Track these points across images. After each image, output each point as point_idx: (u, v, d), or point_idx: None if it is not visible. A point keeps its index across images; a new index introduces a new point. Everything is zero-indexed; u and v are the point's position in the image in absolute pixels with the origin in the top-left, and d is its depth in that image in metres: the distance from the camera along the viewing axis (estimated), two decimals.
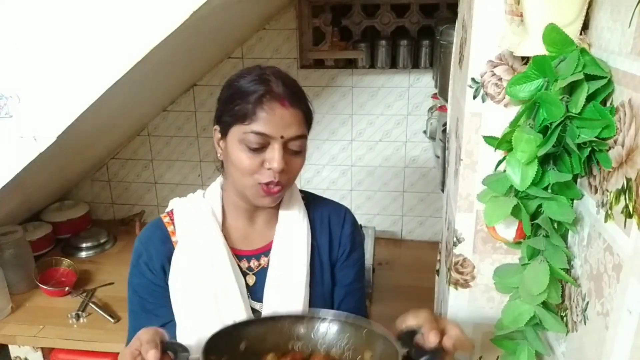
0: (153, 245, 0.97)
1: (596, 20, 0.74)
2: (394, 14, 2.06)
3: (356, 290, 1.06)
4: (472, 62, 0.91)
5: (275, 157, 0.86)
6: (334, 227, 1.05)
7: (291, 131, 0.88)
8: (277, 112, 0.87)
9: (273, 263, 0.97)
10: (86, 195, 2.37)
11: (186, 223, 0.97)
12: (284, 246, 0.98)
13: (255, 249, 0.99)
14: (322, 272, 1.02)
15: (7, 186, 1.46)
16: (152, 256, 0.96)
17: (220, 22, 1.57)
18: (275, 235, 0.99)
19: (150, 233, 0.99)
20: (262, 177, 0.88)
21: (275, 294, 0.95)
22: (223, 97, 0.93)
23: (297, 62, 2.05)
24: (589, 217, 0.76)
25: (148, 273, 0.96)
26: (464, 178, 0.98)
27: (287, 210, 1.01)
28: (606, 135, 0.69)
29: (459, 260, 1.04)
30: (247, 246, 0.99)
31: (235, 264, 0.96)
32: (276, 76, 0.90)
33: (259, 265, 0.99)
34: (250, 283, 0.98)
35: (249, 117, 0.87)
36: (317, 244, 1.01)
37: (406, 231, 2.25)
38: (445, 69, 1.29)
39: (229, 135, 0.90)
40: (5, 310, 1.66)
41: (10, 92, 1.32)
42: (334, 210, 1.07)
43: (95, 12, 1.22)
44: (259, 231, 1.01)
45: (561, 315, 0.86)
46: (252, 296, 0.97)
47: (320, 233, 1.03)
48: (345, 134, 2.13)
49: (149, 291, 0.97)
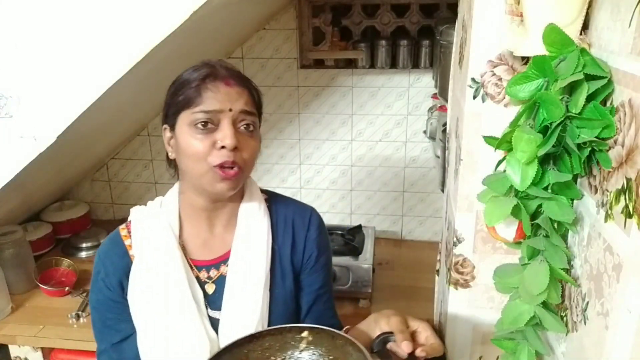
0: (110, 260, 0.97)
1: (596, 20, 0.74)
2: (394, 14, 2.06)
3: (325, 294, 1.05)
4: (472, 62, 0.91)
5: (227, 133, 0.86)
6: (298, 230, 1.02)
7: (239, 104, 0.87)
8: (221, 90, 0.87)
9: (231, 271, 0.95)
10: (86, 195, 2.37)
11: (142, 237, 0.95)
12: (243, 252, 0.96)
13: (215, 258, 0.98)
14: (284, 276, 0.99)
15: (7, 186, 1.46)
16: (109, 272, 0.96)
17: (220, 22, 1.57)
18: (234, 240, 0.97)
19: (107, 248, 0.99)
20: (216, 158, 0.86)
21: (233, 302, 0.94)
22: (168, 95, 0.93)
23: (297, 62, 2.05)
24: (589, 217, 0.76)
25: (105, 290, 0.96)
26: (464, 178, 0.98)
27: (246, 211, 0.98)
28: (606, 135, 0.69)
29: (459, 260, 1.04)
30: (206, 255, 0.97)
31: (192, 276, 0.94)
32: (220, 63, 0.91)
33: (219, 273, 0.97)
34: (210, 292, 0.96)
35: (194, 100, 0.87)
36: (278, 248, 0.99)
37: (406, 231, 2.25)
38: (445, 69, 1.29)
39: (177, 127, 0.90)
40: (5, 310, 1.66)
41: (10, 92, 1.32)
42: (298, 212, 1.04)
43: (95, 12, 1.22)
44: (218, 237, 0.98)
45: (561, 315, 0.86)
46: (212, 306, 0.95)
47: (283, 236, 1.00)
48: (345, 134, 2.13)
49: (107, 307, 0.97)
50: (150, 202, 1.01)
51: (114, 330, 0.97)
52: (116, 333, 0.96)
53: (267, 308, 0.96)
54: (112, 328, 0.97)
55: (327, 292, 1.06)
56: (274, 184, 2.24)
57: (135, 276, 0.94)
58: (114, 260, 0.96)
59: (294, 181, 2.23)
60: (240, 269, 0.95)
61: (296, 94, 2.11)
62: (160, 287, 0.92)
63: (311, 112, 2.12)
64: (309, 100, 2.11)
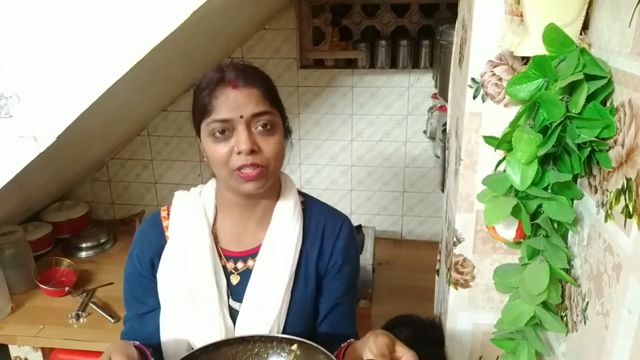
0: (147, 238, 1.02)
1: (596, 20, 0.74)
2: (394, 14, 2.06)
3: (344, 303, 1.05)
4: (472, 62, 0.91)
5: (241, 138, 0.87)
6: (327, 237, 1.02)
7: (249, 109, 0.88)
8: (230, 96, 0.88)
9: (258, 266, 0.98)
10: (86, 195, 2.37)
11: (179, 221, 1.00)
12: (272, 249, 0.98)
13: (244, 251, 1.00)
14: (307, 279, 1.00)
15: (7, 186, 1.46)
16: (144, 249, 1.01)
17: (220, 22, 1.57)
18: (265, 237, 0.99)
19: (146, 226, 1.05)
20: (235, 162, 0.89)
21: (255, 296, 0.96)
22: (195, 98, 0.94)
23: (297, 62, 2.05)
24: (589, 217, 0.76)
25: (138, 264, 1.02)
26: (464, 178, 0.98)
27: (281, 210, 1.00)
28: (606, 135, 0.69)
29: (459, 260, 1.04)
30: (237, 247, 1.00)
31: (220, 264, 0.98)
32: (231, 66, 0.92)
33: (245, 266, 0.99)
34: (234, 283, 0.99)
35: (207, 110, 0.89)
36: (306, 251, 1.00)
37: (406, 231, 2.25)
38: (445, 69, 1.29)
39: (201, 135, 0.93)
40: (5, 310, 1.66)
41: (10, 92, 1.32)
42: (331, 218, 1.05)
43: (95, 12, 1.22)
44: (250, 232, 1.01)
45: (561, 315, 0.86)
46: (234, 296, 0.98)
47: (312, 240, 1.01)
48: (345, 134, 2.13)
49: (137, 281, 1.02)
50: (193, 189, 1.05)
51: (140, 303, 1.03)
52: (142, 305, 1.03)
53: (286, 307, 0.97)
54: (139, 300, 1.03)
55: (347, 301, 1.06)
56: None
57: (167, 256, 0.99)
58: (151, 238, 1.02)
59: (294, 181, 2.23)
60: (267, 265, 0.98)
61: (296, 94, 2.11)
62: (187, 270, 0.96)
63: (311, 112, 2.12)
64: (309, 100, 2.11)
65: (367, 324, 1.54)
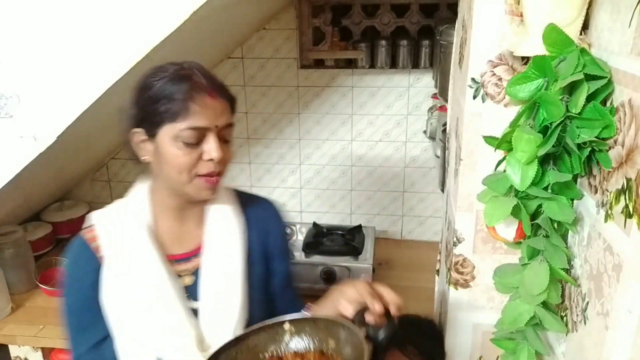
0: (80, 265, 0.97)
1: (596, 20, 0.74)
2: (394, 14, 2.06)
3: (290, 278, 1.13)
4: (472, 62, 0.91)
5: (214, 147, 0.89)
6: (266, 222, 1.08)
7: (223, 120, 0.91)
8: (208, 104, 0.89)
9: (205, 263, 0.98)
10: (86, 195, 2.37)
11: (112, 237, 0.96)
12: (216, 244, 0.99)
13: (188, 252, 1.00)
14: (258, 265, 1.04)
15: (7, 186, 1.46)
16: (81, 276, 0.96)
17: (220, 22, 1.57)
18: (205, 234, 1.00)
19: (75, 254, 0.99)
20: (202, 169, 0.90)
21: (211, 292, 0.97)
22: (142, 98, 0.91)
23: (297, 62, 2.05)
24: (589, 217, 0.76)
25: (78, 292, 0.96)
26: (464, 178, 0.98)
27: (216, 206, 1.02)
28: (606, 135, 0.69)
29: (459, 260, 1.04)
30: (180, 249, 1.00)
31: (170, 268, 0.96)
32: (197, 69, 0.91)
33: (195, 265, 0.99)
34: (189, 283, 0.98)
35: (181, 114, 0.87)
36: (249, 238, 1.03)
37: (406, 231, 2.25)
38: (445, 69, 1.29)
39: (158, 137, 0.89)
40: (5, 310, 1.66)
41: (10, 92, 1.32)
42: (262, 204, 1.10)
43: (95, 12, 1.22)
44: (189, 232, 1.01)
45: (561, 315, 0.86)
46: (191, 296, 0.98)
47: (254, 228, 1.05)
48: (345, 134, 2.13)
49: (84, 308, 0.96)
50: (110, 206, 1.01)
51: (93, 331, 0.97)
52: (95, 333, 0.97)
53: (246, 295, 0.99)
54: (90, 329, 0.97)
55: (291, 276, 1.14)
56: (274, 184, 2.24)
57: (109, 276, 0.94)
58: (83, 263, 0.97)
59: (294, 181, 2.23)
60: (216, 260, 0.99)
61: (296, 94, 2.11)
62: (138, 283, 0.93)
63: (311, 112, 2.12)
64: (309, 100, 2.11)
65: None
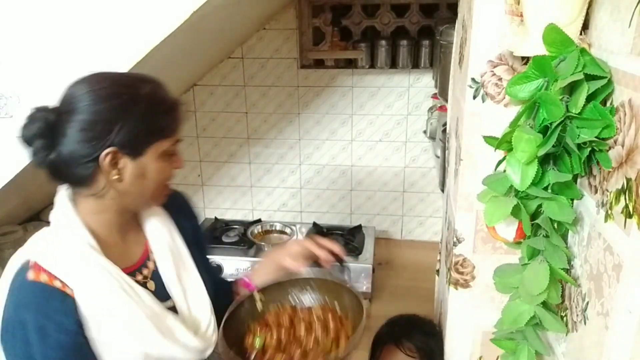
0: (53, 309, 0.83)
1: (596, 20, 0.74)
2: (394, 14, 2.06)
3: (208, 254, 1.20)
4: (472, 62, 0.91)
5: (180, 157, 0.93)
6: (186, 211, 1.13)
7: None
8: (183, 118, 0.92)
9: (160, 261, 0.99)
10: None
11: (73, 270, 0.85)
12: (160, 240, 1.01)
13: (138, 260, 0.98)
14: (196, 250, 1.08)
15: (7, 186, 1.46)
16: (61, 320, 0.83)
17: (220, 22, 1.57)
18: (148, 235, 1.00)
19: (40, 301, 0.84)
20: (170, 179, 0.95)
21: (178, 285, 0.99)
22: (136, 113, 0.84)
23: (297, 62, 2.05)
24: (589, 217, 0.76)
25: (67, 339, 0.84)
26: (464, 178, 0.98)
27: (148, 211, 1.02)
28: (606, 135, 0.69)
29: (459, 260, 1.04)
30: (129, 261, 0.96)
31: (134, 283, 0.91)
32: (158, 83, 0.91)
33: (150, 270, 0.98)
34: (153, 288, 0.96)
35: (171, 129, 0.88)
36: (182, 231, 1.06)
37: (406, 231, 2.25)
38: (445, 69, 1.29)
39: (146, 154, 0.86)
40: None
41: (10, 92, 1.32)
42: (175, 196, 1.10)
43: (95, 12, 1.22)
44: (132, 242, 0.98)
45: (561, 315, 0.86)
46: (160, 299, 0.95)
47: (179, 219, 1.08)
48: (345, 134, 2.13)
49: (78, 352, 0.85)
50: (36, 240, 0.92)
51: None
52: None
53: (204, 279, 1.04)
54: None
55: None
56: (274, 184, 2.24)
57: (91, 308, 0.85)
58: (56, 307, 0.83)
59: (294, 181, 2.23)
60: (166, 254, 1.00)
61: (296, 94, 2.11)
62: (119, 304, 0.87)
63: (311, 112, 2.12)
64: (309, 100, 2.11)
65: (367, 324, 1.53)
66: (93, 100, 0.84)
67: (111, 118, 0.83)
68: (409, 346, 1.17)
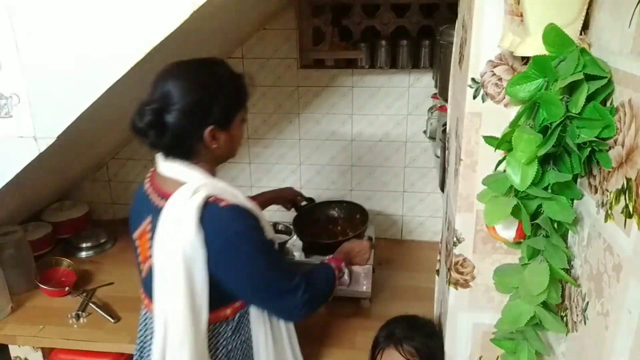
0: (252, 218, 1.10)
1: (596, 20, 0.74)
2: (394, 14, 2.06)
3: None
4: (472, 62, 0.91)
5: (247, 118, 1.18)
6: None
7: None
8: None
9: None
10: (86, 195, 2.37)
11: (241, 199, 1.12)
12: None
13: None
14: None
15: (7, 186, 1.46)
16: (258, 224, 1.10)
17: (220, 22, 1.57)
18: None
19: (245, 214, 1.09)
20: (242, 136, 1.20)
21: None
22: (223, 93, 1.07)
23: (297, 62, 2.05)
24: (589, 217, 0.76)
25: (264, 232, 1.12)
26: (464, 178, 0.98)
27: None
28: (606, 135, 0.69)
29: (459, 260, 1.04)
30: None
31: None
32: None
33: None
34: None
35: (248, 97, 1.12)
36: None
37: (406, 231, 2.25)
38: (445, 69, 1.29)
39: (233, 123, 1.10)
40: (5, 310, 1.66)
41: (10, 92, 1.32)
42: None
43: (95, 12, 1.22)
44: None
45: (561, 315, 0.86)
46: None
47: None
48: (345, 134, 2.13)
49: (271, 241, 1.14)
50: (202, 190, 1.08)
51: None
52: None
53: None
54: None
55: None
56: (274, 184, 2.24)
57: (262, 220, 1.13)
58: (253, 217, 1.11)
59: (294, 181, 2.23)
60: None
61: (296, 94, 2.10)
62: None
63: (311, 112, 2.12)
64: (309, 100, 2.11)
65: (367, 324, 1.53)
66: (186, 91, 1.04)
67: (204, 103, 1.05)
68: (409, 349, 1.17)
